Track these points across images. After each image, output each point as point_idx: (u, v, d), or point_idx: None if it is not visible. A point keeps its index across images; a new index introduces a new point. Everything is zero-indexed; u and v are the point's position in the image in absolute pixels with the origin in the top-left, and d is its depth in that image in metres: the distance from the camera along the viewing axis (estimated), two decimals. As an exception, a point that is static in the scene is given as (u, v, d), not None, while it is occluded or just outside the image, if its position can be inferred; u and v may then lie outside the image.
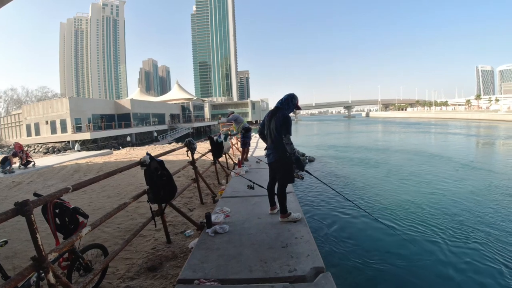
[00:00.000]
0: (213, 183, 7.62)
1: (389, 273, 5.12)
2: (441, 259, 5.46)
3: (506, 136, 29.08)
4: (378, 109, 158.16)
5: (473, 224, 6.87)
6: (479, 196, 8.99)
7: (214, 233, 3.51)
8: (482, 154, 20.18)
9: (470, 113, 77.80)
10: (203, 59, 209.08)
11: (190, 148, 5.20)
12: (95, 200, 6.50)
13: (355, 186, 11.10)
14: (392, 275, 5.06)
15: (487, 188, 9.88)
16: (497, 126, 45.27)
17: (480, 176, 11.91)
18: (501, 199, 8.75)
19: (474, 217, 7.31)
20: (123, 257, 3.53)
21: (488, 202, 8.46)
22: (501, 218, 7.24)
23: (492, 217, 7.32)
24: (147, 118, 48.79)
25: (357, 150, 22.14)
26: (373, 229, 6.95)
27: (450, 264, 5.29)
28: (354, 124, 73.92)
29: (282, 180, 3.80)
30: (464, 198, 8.83)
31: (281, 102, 3.81)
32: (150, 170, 3.37)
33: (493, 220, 7.13)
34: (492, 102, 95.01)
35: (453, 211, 7.84)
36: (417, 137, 32.06)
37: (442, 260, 5.41)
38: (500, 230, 6.58)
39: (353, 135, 39.81)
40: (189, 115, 66.86)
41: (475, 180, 11.14)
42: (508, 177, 11.39)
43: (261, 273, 2.61)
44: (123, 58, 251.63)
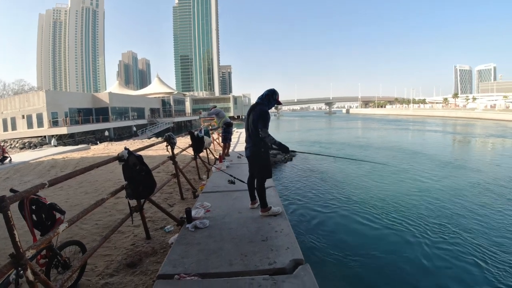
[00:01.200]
0: (194, 178, 7.56)
1: (367, 264, 5.29)
2: (417, 251, 5.68)
3: (482, 134, 30.36)
4: (358, 106, 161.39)
5: (449, 218, 7.17)
6: (456, 192, 9.37)
7: (194, 228, 3.49)
8: (459, 151, 21.03)
9: (447, 111, 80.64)
10: (185, 53, 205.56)
11: (170, 142, 5.13)
12: (72, 196, 6.32)
13: (335, 181, 11.33)
14: (370, 266, 5.23)
15: (464, 185, 10.30)
16: (474, 124, 47.24)
17: (457, 172, 12.43)
18: (476, 194, 9.15)
19: (450, 212, 7.64)
20: (102, 253, 3.46)
21: (464, 198, 8.83)
22: (474, 212, 7.61)
23: (467, 212, 7.67)
24: (126, 112, 47.57)
25: (338, 146, 22.58)
26: (352, 223, 7.15)
27: (426, 256, 5.52)
28: (335, 120, 75.21)
29: (260, 175, 3.83)
30: (442, 194, 9.18)
31: (262, 98, 3.83)
32: (128, 165, 3.30)
33: (468, 214, 7.48)
34: (469, 100, 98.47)
35: (430, 205, 8.16)
36: (397, 134, 33.02)
37: (418, 252, 5.63)
38: (472, 223, 6.92)
39: (334, 131, 40.49)
40: (169, 109, 65.73)
41: (452, 176, 11.58)
42: (485, 174, 11.86)
43: (241, 267, 2.63)
44: (102, 50, 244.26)
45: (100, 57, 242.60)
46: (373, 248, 5.85)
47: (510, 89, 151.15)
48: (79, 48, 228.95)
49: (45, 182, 2.14)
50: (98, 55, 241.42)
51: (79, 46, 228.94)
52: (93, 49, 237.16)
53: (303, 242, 5.80)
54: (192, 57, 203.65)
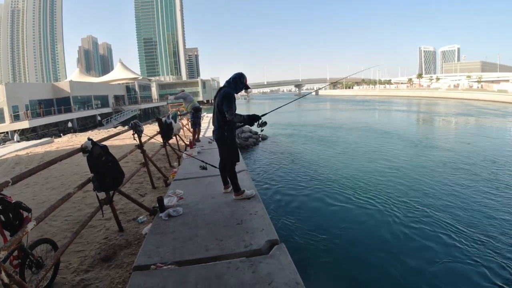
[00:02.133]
0: (165, 166, 7.40)
1: (340, 242, 5.54)
2: (386, 228, 6.01)
3: (449, 113, 32.07)
4: (327, 87, 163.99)
5: (418, 196, 7.54)
6: (425, 170, 9.84)
7: (168, 217, 3.44)
8: (429, 130, 22.08)
9: (412, 91, 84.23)
10: (148, 35, 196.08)
11: (137, 130, 4.95)
12: (39, 193, 6.01)
13: (307, 162, 11.62)
14: (343, 243, 5.49)
15: (434, 163, 10.84)
16: (438, 103, 49.98)
17: (428, 151, 13.03)
18: (444, 172, 9.66)
19: (420, 190, 8.02)
20: (75, 250, 3.35)
21: (433, 175, 9.29)
22: (443, 189, 8.08)
23: (435, 189, 8.10)
24: (88, 101, 45.17)
25: (308, 128, 22.99)
26: (324, 202, 7.41)
27: (394, 231, 5.86)
28: (305, 102, 76.13)
29: (228, 159, 3.81)
30: (411, 173, 9.62)
31: (229, 82, 3.75)
32: (93, 157, 3.16)
33: (438, 191, 7.91)
34: (433, 80, 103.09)
35: (400, 184, 8.57)
36: (366, 115, 34.19)
37: (387, 229, 5.95)
38: (441, 199, 7.36)
39: (305, 113, 41.08)
40: (135, 96, 63.21)
41: (423, 155, 12.11)
42: (455, 152, 12.46)
43: (217, 251, 2.65)
44: (60, 36, 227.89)
45: (59, 43, 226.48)
46: (346, 225, 6.13)
47: (473, 69, 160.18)
48: (37, 36, 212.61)
49: (8, 180, 2.05)
50: (57, 41, 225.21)
51: (37, 34, 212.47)
52: (51, 36, 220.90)
53: (278, 223, 5.96)
54: (156, 40, 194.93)
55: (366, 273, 4.65)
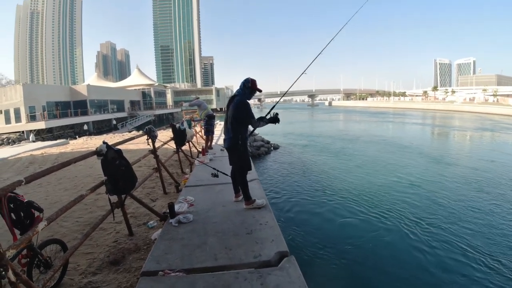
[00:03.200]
0: (177, 172, 7.44)
1: (352, 255, 5.41)
2: (400, 242, 5.84)
3: (463, 127, 31.23)
4: (340, 98, 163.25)
5: (436, 216, 7.17)
6: (442, 187, 9.42)
7: (177, 223, 3.44)
8: (444, 145, 21.35)
9: (426, 103, 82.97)
10: (165, 43, 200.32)
11: (151, 136, 5.00)
12: (52, 193, 6.11)
13: (319, 173, 11.49)
14: (354, 257, 5.35)
15: (452, 181, 10.30)
16: (452, 116, 48.89)
17: (445, 168, 12.43)
18: (467, 192, 9.11)
19: (435, 206, 7.75)
20: (84, 252, 3.37)
21: (455, 191, 8.92)
22: (463, 207, 7.72)
23: (456, 205, 7.77)
24: (105, 105, 46.24)
25: (321, 139, 22.81)
26: (337, 215, 7.27)
27: (409, 246, 5.69)
28: (318, 112, 75.88)
29: (240, 168, 3.81)
30: (428, 190, 9.20)
31: (239, 90, 3.78)
32: (107, 160, 3.20)
33: (455, 209, 7.57)
34: (448, 93, 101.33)
35: (414, 198, 8.32)
36: (382, 127, 33.60)
37: (401, 243, 5.79)
38: (461, 221, 7.03)
39: (317, 124, 40.84)
40: (150, 101, 64.36)
41: (440, 172, 11.58)
42: (473, 170, 11.85)
43: (226, 261, 2.62)
44: (79, 41, 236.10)
45: (78, 48, 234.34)
46: (357, 239, 5.98)
47: (489, 83, 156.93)
48: (56, 39, 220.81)
49: (21, 179, 2.05)
50: (76, 46, 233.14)
51: (56, 37, 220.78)
52: (70, 40, 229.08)
53: (288, 234, 5.87)
54: (173, 48, 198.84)
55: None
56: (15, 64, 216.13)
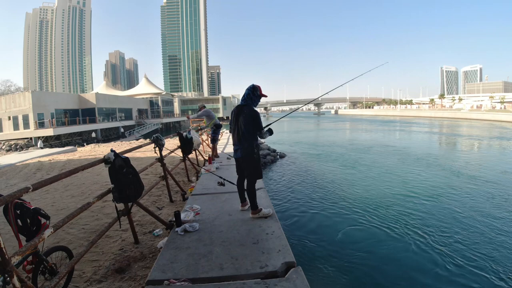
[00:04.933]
0: (183, 180, 7.46)
1: (360, 266, 5.30)
2: (411, 253, 5.70)
3: (473, 135, 30.50)
4: (346, 106, 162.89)
5: (451, 230, 6.86)
6: (459, 198, 9.09)
7: (183, 232, 3.42)
8: (452, 153, 20.90)
9: (433, 111, 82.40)
10: (173, 53, 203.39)
11: (158, 144, 5.04)
12: (59, 200, 6.15)
13: (326, 182, 11.38)
14: (363, 268, 5.24)
15: (469, 194, 9.80)
16: (460, 124, 48.24)
17: (457, 178, 11.95)
18: (486, 206, 8.61)
19: (449, 217, 7.47)
20: (89, 259, 3.37)
21: (469, 205, 8.47)
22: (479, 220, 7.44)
23: (473, 219, 7.41)
24: (113, 113, 46.90)
25: (328, 148, 22.66)
26: (344, 224, 7.15)
27: (420, 256, 5.55)
28: (324, 121, 75.67)
29: (251, 176, 3.81)
30: (433, 198, 9.00)
31: (245, 99, 3.81)
32: (115, 168, 3.21)
33: (471, 221, 7.26)
34: (456, 101, 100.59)
35: (426, 209, 8.08)
36: (389, 136, 33.16)
37: (411, 254, 5.65)
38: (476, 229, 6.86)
39: (324, 133, 40.61)
40: (157, 110, 65.14)
41: (452, 183, 11.13)
42: (494, 183, 11.34)
43: (232, 271, 2.59)
44: (88, 49, 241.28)
45: (87, 56, 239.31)
46: (365, 250, 5.86)
47: (496, 90, 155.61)
48: (66, 48, 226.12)
49: (29, 186, 2.07)
50: (85, 54, 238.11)
51: (66, 45, 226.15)
52: (79, 48, 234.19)
53: (294, 244, 5.79)
54: (180, 57, 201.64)
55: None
56: (24, 71, 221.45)
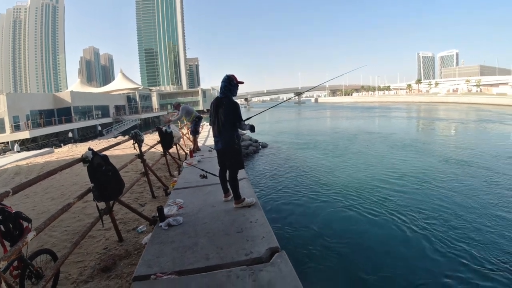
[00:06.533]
0: (165, 175, 7.40)
1: (342, 249, 5.47)
2: (389, 235, 5.89)
3: (449, 118, 31.71)
4: (326, 94, 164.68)
5: (426, 208, 7.14)
6: (430, 177, 9.51)
7: (167, 226, 3.43)
8: (430, 137, 21.68)
9: (411, 96, 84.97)
10: (149, 46, 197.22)
11: (137, 140, 4.96)
12: (39, 203, 6.00)
13: (308, 170, 11.58)
14: (345, 251, 5.42)
15: (444, 171, 10.41)
16: (437, 108, 49.81)
17: (433, 159, 12.61)
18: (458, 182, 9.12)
19: (430, 201, 7.62)
20: (74, 260, 3.34)
21: (446, 187, 8.71)
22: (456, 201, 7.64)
23: (449, 201, 7.61)
24: (89, 111, 45.45)
25: (309, 136, 22.92)
26: (326, 210, 7.34)
27: (398, 239, 5.75)
28: (305, 110, 76.21)
29: (232, 167, 3.84)
30: (418, 182, 9.22)
31: (223, 91, 3.79)
32: (93, 166, 3.17)
33: (449, 204, 7.40)
34: (432, 86, 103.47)
35: (404, 192, 8.34)
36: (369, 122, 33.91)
37: (390, 236, 5.84)
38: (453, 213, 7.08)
39: (305, 121, 40.95)
40: (135, 106, 63.64)
41: (427, 163, 11.74)
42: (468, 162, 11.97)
43: (218, 260, 2.64)
44: (62, 47, 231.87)
45: (61, 54, 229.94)
46: (347, 233, 6.05)
47: (472, 74, 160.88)
48: (39, 47, 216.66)
49: (9, 190, 2.07)
50: (59, 52, 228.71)
51: (39, 44, 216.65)
52: (53, 46, 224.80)
53: (278, 231, 5.90)
54: (157, 51, 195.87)
55: (368, 280, 4.59)
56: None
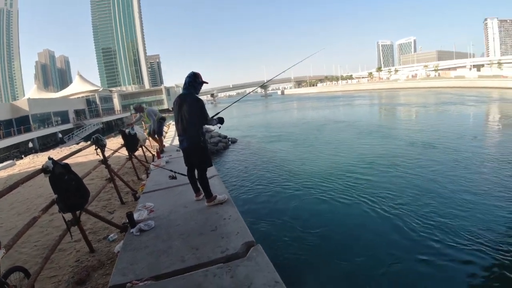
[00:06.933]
0: (132, 179, 7.17)
1: (315, 236, 5.64)
2: (363, 224, 6.06)
3: (407, 103, 33.38)
4: (292, 86, 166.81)
5: (395, 192, 7.44)
6: (400, 163, 9.81)
7: (139, 232, 3.34)
8: (394, 122, 22.82)
9: (372, 84, 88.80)
10: (107, 45, 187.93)
11: (99, 145, 4.76)
12: (6, 220, 5.68)
13: (279, 162, 11.72)
14: (318, 238, 5.59)
15: (405, 157, 10.79)
16: (398, 94, 52.27)
17: (390, 144, 13.26)
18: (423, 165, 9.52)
19: (399, 185, 7.98)
20: (48, 276, 3.22)
21: (407, 168, 9.25)
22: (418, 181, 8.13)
23: (413, 181, 8.08)
24: (48, 118, 42.67)
25: (277, 129, 23.16)
26: (299, 201, 7.47)
27: (368, 222, 6.00)
28: (272, 102, 76.81)
29: (201, 165, 3.79)
30: (387, 167, 9.56)
31: (187, 87, 3.73)
32: (55, 176, 3.05)
33: (417, 187, 7.73)
34: (392, 73, 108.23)
35: (370, 176, 8.71)
36: (334, 111, 34.84)
37: (365, 225, 6.00)
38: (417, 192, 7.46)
39: (273, 114, 41.28)
40: (96, 109, 60.74)
41: (390, 149, 12.15)
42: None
43: (194, 261, 2.62)
44: (17, 53, 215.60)
45: (16, 61, 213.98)
46: (320, 222, 6.20)
47: (430, 59, 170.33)
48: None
49: None
50: (14, 59, 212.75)
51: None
52: (8, 53, 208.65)
53: (253, 225, 5.94)
54: (115, 49, 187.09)
55: (342, 264, 4.77)
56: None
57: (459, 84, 53.32)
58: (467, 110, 24.10)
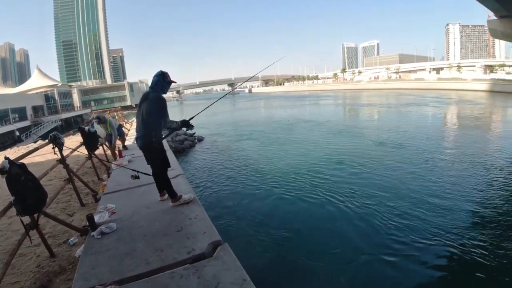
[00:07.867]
0: (93, 180, 6.86)
1: (283, 233, 5.73)
2: (331, 219, 6.26)
3: (371, 103, 34.74)
4: (259, 85, 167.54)
5: (360, 186, 7.82)
6: (365, 161, 10.25)
7: (100, 235, 3.22)
8: (362, 122, 23.78)
9: (337, 84, 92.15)
10: (68, 38, 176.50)
11: (57, 143, 4.51)
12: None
13: (246, 161, 11.76)
14: (285, 234, 5.69)
15: (369, 151, 11.51)
16: (361, 94, 54.35)
17: (355, 139, 14.07)
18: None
19: (358, 179, 8.43)
20: (10, 282, 3.09)
21: (373, 163, 9.86)
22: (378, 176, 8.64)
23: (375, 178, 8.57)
24: (5, 115, 39.46)
25: (244, 127, 23.16)
26: (266, 200, 7.53)
27: (335, 220, 6.18)
28: (240, 100, 76.56)
29: (158, 166, 3.71)
30: (351, 163, 10.01)
31: (153, 86, 3.59)
32: (12, 177, 2.89)
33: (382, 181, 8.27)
34: (356, 74, 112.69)
35: (338, 174, 8.96)
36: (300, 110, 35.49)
37: (332, 220, 6.20)
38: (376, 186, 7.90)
39: (240, 112, 41.16)
40: (54, 105, 57.10)
41: (358, 148, 12.54)
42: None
43: (159, 263, 2.58)
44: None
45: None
46: (289, 219, 6.31)
47: (392, 62, 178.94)
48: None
49: None
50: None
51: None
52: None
53: (220, 224, 5.92)
54: (76, 42, 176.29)
55: (311, 260, 4.86)
56: None
57: (420, 86, 56.63)
58: (428, 110, 25.71)
